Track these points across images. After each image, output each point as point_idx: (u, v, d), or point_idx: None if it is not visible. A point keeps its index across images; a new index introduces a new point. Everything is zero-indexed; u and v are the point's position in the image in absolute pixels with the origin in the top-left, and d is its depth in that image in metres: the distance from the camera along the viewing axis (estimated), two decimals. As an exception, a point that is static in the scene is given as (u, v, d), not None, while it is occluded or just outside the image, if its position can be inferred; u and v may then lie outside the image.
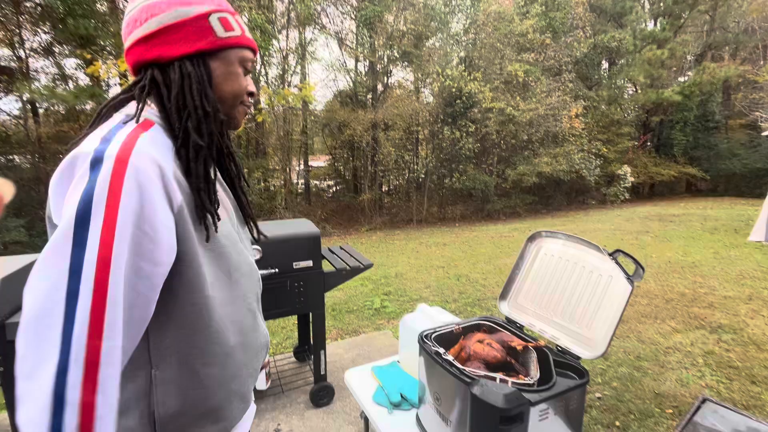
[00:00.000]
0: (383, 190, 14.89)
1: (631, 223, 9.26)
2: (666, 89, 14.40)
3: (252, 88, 0.74)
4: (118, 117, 0.62)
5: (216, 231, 0.66)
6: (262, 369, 2.25)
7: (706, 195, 14.98)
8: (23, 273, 1.71)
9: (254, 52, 0.73)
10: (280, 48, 12.81)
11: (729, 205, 11.55)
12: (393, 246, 8.21)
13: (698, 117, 15.04)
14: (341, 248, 2.51)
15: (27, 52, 10.15)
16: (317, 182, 16.54)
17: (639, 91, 15.62)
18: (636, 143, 15.98)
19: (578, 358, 1.10)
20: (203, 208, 0.63)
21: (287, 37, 13.22)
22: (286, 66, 13.13)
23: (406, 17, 13.01)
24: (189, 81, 0.64)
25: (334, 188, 16.79)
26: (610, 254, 1.16)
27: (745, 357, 2.84)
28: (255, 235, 0.86)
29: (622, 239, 7.16)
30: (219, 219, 0.67)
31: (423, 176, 13.34)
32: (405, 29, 12.88)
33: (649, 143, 16.69)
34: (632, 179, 13.64)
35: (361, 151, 13.87)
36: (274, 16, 12.53)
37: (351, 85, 14.87)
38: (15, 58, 10.17)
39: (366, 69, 14.70)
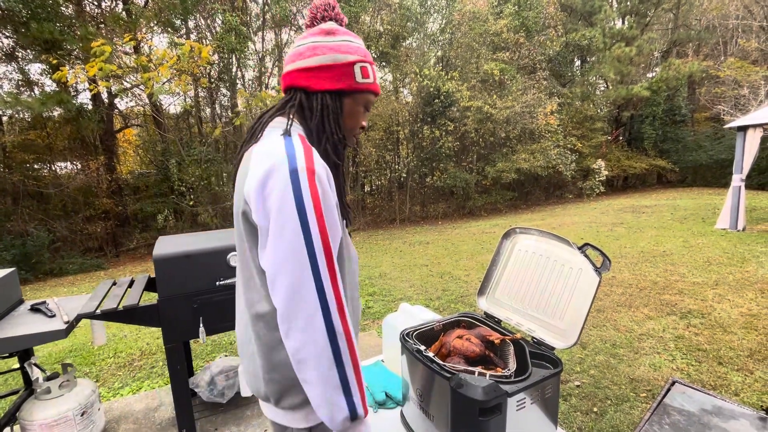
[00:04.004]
0: (365, 190, 14.90)
1: (607, 215, 9.57)
2: (635, 85, 14.93)
3: (365, 123, 0.95)
4: (275, 131, 0.81)
5: (349, 224, 0.93)
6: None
7: (675, 186, 15.61)
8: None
9: (377, 95, 0.93)
10: (256, 50, 12.64)
11: (696, 195, 12.08)
12: (377, 246, 8.24)
13: (666, 111, 15.66)
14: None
15: (-13, 57, 9.70)
16: (299, 184, 16.39)
17: (610, 88, 16.14)
18: (609, 138, 16.50)
19: (552, 348, 1.15)
20: (344, 207, 0.89)
21: (263, 39, 13.05)
22: (262, 68, 12.97)
23: (383, 18, 13.05)
24: (327, 111, 0.83)
25: (316, 190, 16.67)
26: (579, 248, 1.22)
27: (713, 340, 2.99)
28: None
29: (598, 231, 7.40)
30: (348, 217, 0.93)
31: (404, 176, 13.42)
32: (382, 29, 12.91)
33: (621, 137, 17.26)
34: (606, 173, 14.08)
35: (341, 152, 13.80)
36: (249, 18, 12.35)
37: (329, 86, 14.78)
38: (-26, 64, 9.68)
39: (344, 70, 14.64)
